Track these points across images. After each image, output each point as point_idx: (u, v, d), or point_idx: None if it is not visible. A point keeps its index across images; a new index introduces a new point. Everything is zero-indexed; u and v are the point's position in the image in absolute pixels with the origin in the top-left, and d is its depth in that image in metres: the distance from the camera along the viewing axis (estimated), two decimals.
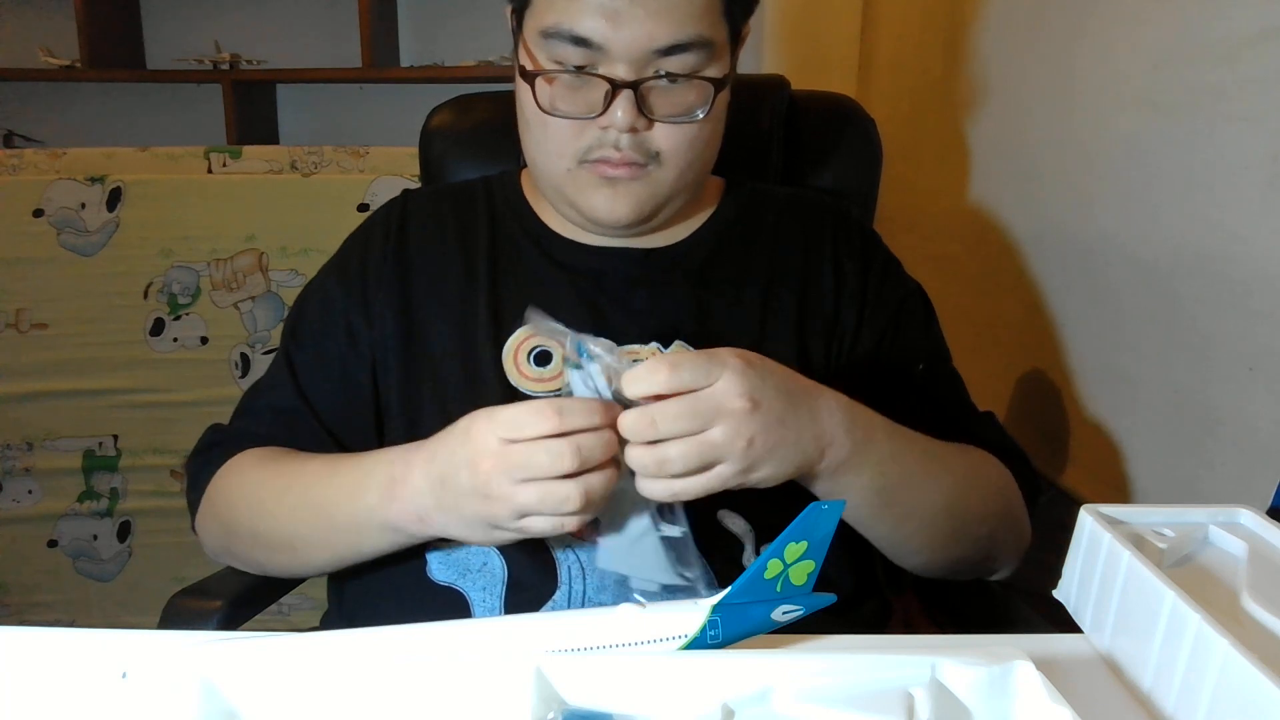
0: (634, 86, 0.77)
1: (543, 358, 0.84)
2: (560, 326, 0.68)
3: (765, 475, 0.67)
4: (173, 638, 0.65)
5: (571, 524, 0.65)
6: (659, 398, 0.63)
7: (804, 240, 0.91)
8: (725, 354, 0.65)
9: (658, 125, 0.79)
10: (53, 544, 1.75)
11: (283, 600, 0.93)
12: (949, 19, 1.68)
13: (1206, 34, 0.96)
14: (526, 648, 0.53)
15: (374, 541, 0.75)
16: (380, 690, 0.48)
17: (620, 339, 0.82)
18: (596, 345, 0.66)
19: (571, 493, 0.62)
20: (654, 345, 0.85)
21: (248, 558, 0.86)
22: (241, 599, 0.86)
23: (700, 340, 0.84)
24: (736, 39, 0.83)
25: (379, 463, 0.74)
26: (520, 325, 0.85)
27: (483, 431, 0.64)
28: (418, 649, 0.54)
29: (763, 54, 2.31)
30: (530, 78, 0.79)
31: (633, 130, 0.78)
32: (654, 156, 0.81)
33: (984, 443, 0.87)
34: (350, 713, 0.48)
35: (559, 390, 0.81)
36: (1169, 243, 1.01)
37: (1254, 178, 0.88)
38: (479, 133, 1.16)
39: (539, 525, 0.65)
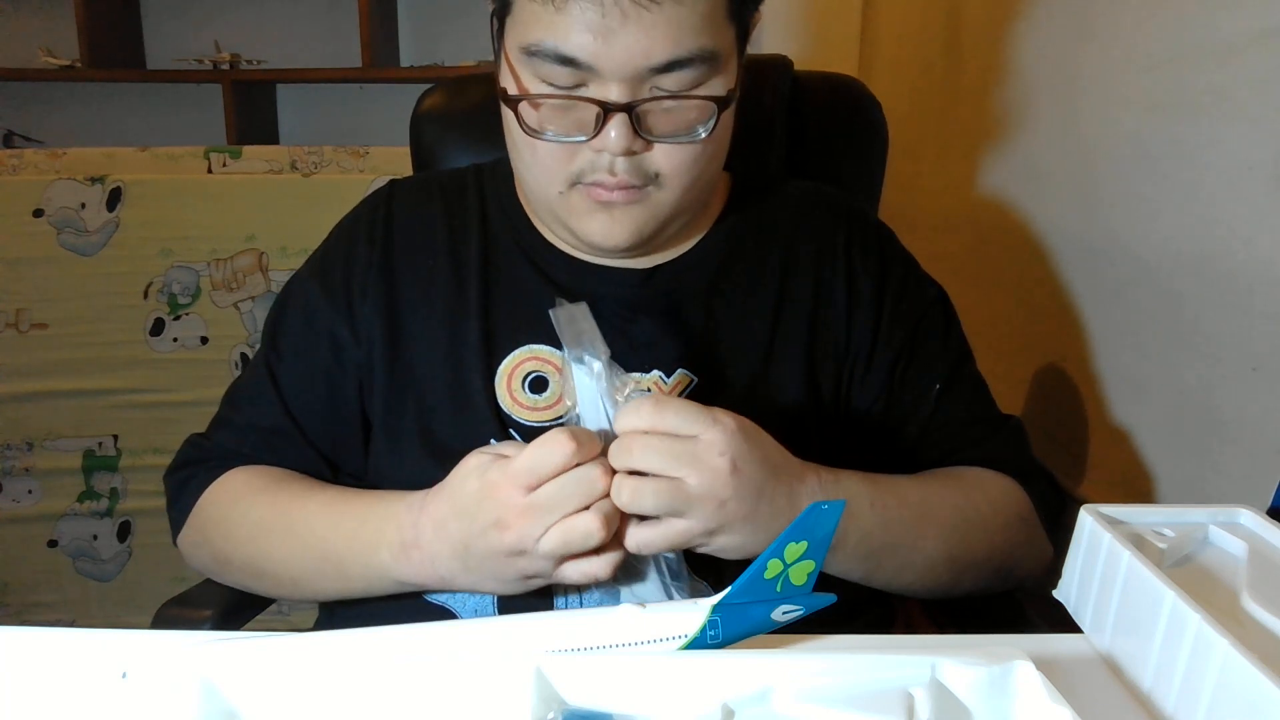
0: (628, 110, 0.70)
1: (538, 384, 0.80)
2: (592, 327, 0.66)
3: (729, 544, 0.65)
4: (173, 637, 0.65)
5: (603, 568, 0.63)
6: None
7: (816, 250, 0.86)
8: (721, 413, 0.63)
9: (657, 145, 0.73)
10: (53, 544, 1.75)
11: (282, 600, 0.92)
12: (949, 17, 1.68)
13: (1210, 33, 0.96)
14: (526, 648, 0.53)
15: (390, 590, 0.73)
16: (380, 690, 0.48)
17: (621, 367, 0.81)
18: (602, 364, 0.64)
19: (591, 525, 0.61)
20: (656, 374, 0.81)
21: (242, 584, 0.84)
22: (231, 608, 0.85)
23: (704, 369, 0.81)
24: (745, 34, 0.77)
25: (386, 521, 0.71)
26: (514, 349, 0.81)
27: (504, 489, 0.62)
28: (418, 649, 0.54)
29: (761, 39, 2.31)
30: (513, 103, 0.73)
31: (629, 153, 0.72)
32: (653, 177, 0.75)
33: (1002, 463, 0.85)
34: (350, 713, 0.48)
35: (558, 418, 0.78)
36: (1172, 243, 1.01)
37: (1257, 178, 0.88)
38: (474, 117, 1.09)
39: (571, 572, 0.64)
